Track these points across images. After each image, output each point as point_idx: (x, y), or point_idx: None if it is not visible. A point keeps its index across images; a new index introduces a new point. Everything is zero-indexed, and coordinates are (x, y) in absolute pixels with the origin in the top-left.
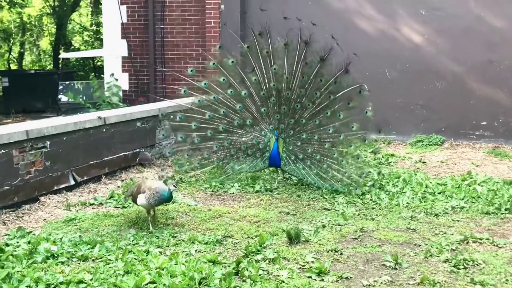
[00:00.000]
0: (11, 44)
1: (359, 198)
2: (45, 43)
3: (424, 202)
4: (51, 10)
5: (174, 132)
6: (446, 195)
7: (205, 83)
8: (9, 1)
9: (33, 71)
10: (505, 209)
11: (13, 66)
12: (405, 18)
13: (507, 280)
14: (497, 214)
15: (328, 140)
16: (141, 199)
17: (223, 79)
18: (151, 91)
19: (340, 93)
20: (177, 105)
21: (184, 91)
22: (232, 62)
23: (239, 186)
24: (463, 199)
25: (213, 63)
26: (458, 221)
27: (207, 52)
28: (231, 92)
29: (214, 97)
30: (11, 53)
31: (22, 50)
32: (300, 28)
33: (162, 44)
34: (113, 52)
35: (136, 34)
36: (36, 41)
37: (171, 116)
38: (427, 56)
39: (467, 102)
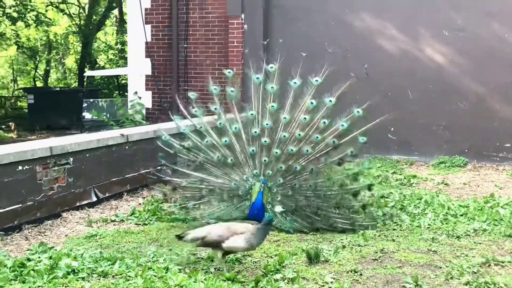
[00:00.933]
0: (37, 62)
1: (380, 219)
2: (70, 61)
3: (446, 224)
4: (77, 29)
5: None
6: (468, 217)
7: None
8: (36, 19)
9: (58, 89)
10: None
11: (39, 84)
12: (428, 38)
13: None
14: None
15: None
16: (239, 241)
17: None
18: (174, 109)
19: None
20: (200, 123)
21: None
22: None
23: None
24: (485, 221)
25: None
26: (480, 243)
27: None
28: (219, 123)
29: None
30: (37, 70)
31: (48, 67)
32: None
33: (185, 63)
34: (137, 70)
35: (160, 53)
36: (62, 59)
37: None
38: (450, 77)
39: (490, 124)
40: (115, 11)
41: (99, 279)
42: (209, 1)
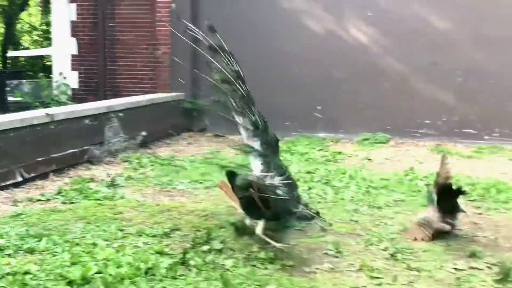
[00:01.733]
0: None
1: (306, 193)
2: None
3: (368, 196)
4: (0, 10)
5: None
6: (388, 190)
7: None
8: None
9: None
10: None
11: None
12: (352, 19)
13: (441, 266)
14: None
15: None
16: None
17: None
18: (101, 89)
19: None
20: (126, 103)
21: None
22: None
23: (188, 182)
24: (404, 193)
25: None
26: (399, 213)
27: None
28: None
29: None
30: None
31: None
32: None
33: (112, 42)
34: (62, 50)
35: (86, 32)
36: None
37: None
38: (373, 57)
39: (412, 102)
40: None
41: (26, 256)
42: None
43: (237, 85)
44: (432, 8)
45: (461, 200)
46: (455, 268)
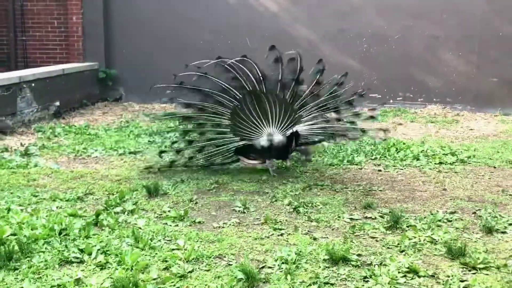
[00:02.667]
0: None
1: None
2: None
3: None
4: None
5: None
6: (295, 151)
7: None
8: None
9: None
10: (347, 161)
11: None
12: None
13: (339, 217)
14: (339, 165)
15: None
16: None
17: None
18: (12, 60)
19: None
20: (38, 73)
21: None
22: None
23: (102, 150)
24: (311, 153)
25: None
26: (306, 172)
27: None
28: None
29: None
30: None
31: None
32: None
33: (21, 12)
34: None
35: None
36: None
37: None
38: (284, 25)
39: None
40: None
41: None
42: None
43: None
44: None
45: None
46: (351, 218)
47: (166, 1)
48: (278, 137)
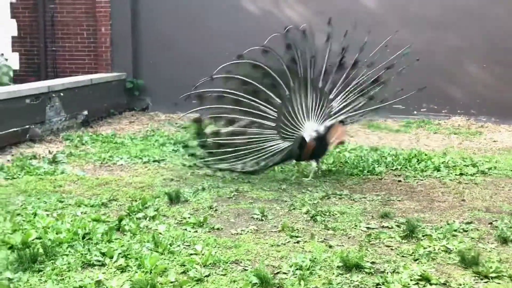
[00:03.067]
0: None
1: None
2: None
3: (297, 167)
4: None
5: None
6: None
7: None
8: None
9: None
10: (367, 171)
11: None
12: (288, 0)
13: (356, 225)
14: (359, 175)
15: None
16: None
17: None
18: (42, 70)
19: None
20: (67, 82)
21: None
22: None
23: (128, 158)
24: (332, 164)
25: None
26: (325, 182)
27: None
28: None
29: None
30: None
31: None
32: None
33: (52, 23)
34: (2, 32)
35: (26, 14)
36: None
37: None
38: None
39: None
40: None
41: None
42: None
43: None
44: None
45: None
46: (368, 227)
47: (192, 13)
48: (321, 129)
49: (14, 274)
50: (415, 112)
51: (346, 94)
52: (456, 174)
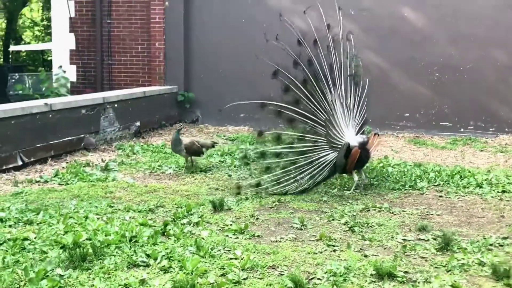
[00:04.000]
0: None
1: None
2: None
3: (340, 180)
4: (2, 5)
5: None
6: None
7: None
8: None
9: None
10: (409, 186)
11: None
12: (336, 16)
13: (392, 237)
14: (401, 190)
15: None
16: None
17: None
18: (98, 82)
19: None
20: (121, 94)
21: None
22: None
23: (176, 167)
24: (374, 177)
25: None
26: (366, 195)
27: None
28: None
29: None
30: None
31: None
32: None
33: (109, 38)
34: (61, 45)
35: (84, 28)
36: None
37: None
38: (355, 52)
39: (391, 95)
40: None
41: (25, 226)
42: None
43: None
44: (410, 7)
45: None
46: (404, 239)
47: (243, 28)
48: (362, 138)
49: (64, 271)
50: (462, 130)
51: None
52: (498, 191)
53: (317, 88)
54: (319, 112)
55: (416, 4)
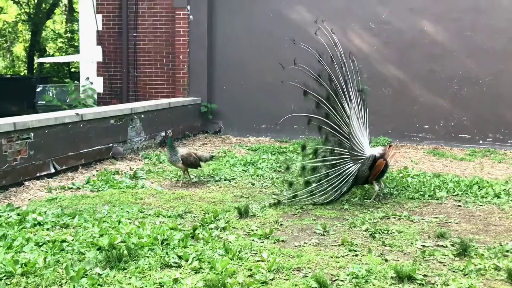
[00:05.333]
0: None
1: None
2: (19, 49)
3: (361, 190)
4: (27, 17)
5: None
6: None
7: None
8: None
9: (8, 76)
10: (428, 196)
11: None
12: (356, 30)
13: (412, 243)
14: (420, 199)
15: None
16: None
17: None
18: (124, 94)
19: None
20: (148, 105)
21: None
22: None
23: (201, 176)
24: (394, 187)
25: None
26: (386, 204)
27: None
28: None
29: None
30: None
31: None
32: None
33: (134, 50)
34: (88, 57)
35: (111, 41)
36: (10, 47)
37: None
38: (376, 65)
39: (411, 107)
40: (64, 0)
41: (62, 229)
42: None
43: None
44: (429, 21)
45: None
46: (423, 245)
47: (264, 41)
48: (381, 149)
49: (102, 271)
50: (480, 141)
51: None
52: None
53: (338, 103)
54: (343, 125)
55: (436, 17)
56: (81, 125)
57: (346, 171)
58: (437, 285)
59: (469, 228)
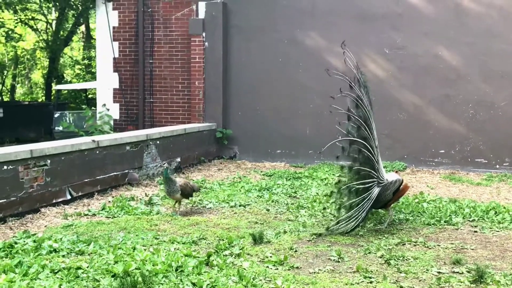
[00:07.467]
0: (4, 77)
1: (321, 212)
2: (37, 75)
3: (376, 215)
4: (45, 44)
5: None
6: (396, 210)
7: None
8: (6, 36)
9: (26, 102)
10: (444, 221)
11: (5, 98)
12: (371, 55)
13: (427, 270)
14: (436, 225)
15: None
16: None
17: None
18: (140, 120)
19: None
20: (163, 132)
21: None
22: None
23: (216, 202)
24: (410, 213)
25: None
26: (402, 230)
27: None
28: None
29: None
30: (4, 85)
31: (14, 82)
32: None
33: (151, 77)
34: (105, 84)
35: (127, 68)
36: (29, 73)
37: None
38: (390, 90)
39: (427, 132)
40: (82, 27)
41: (77, 256)
42: (172, 21)
43: None
44: (444, 45)
45: None
46: (439, 272)
47: (279, 68)
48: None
49: None
50: (497, 166)
51: None
52: None
53: (367, 126)
54: (375, 148)
55: (450, 42)
56: (97, 152)
57: (373, 195)
58: None
59: (486, 254)
